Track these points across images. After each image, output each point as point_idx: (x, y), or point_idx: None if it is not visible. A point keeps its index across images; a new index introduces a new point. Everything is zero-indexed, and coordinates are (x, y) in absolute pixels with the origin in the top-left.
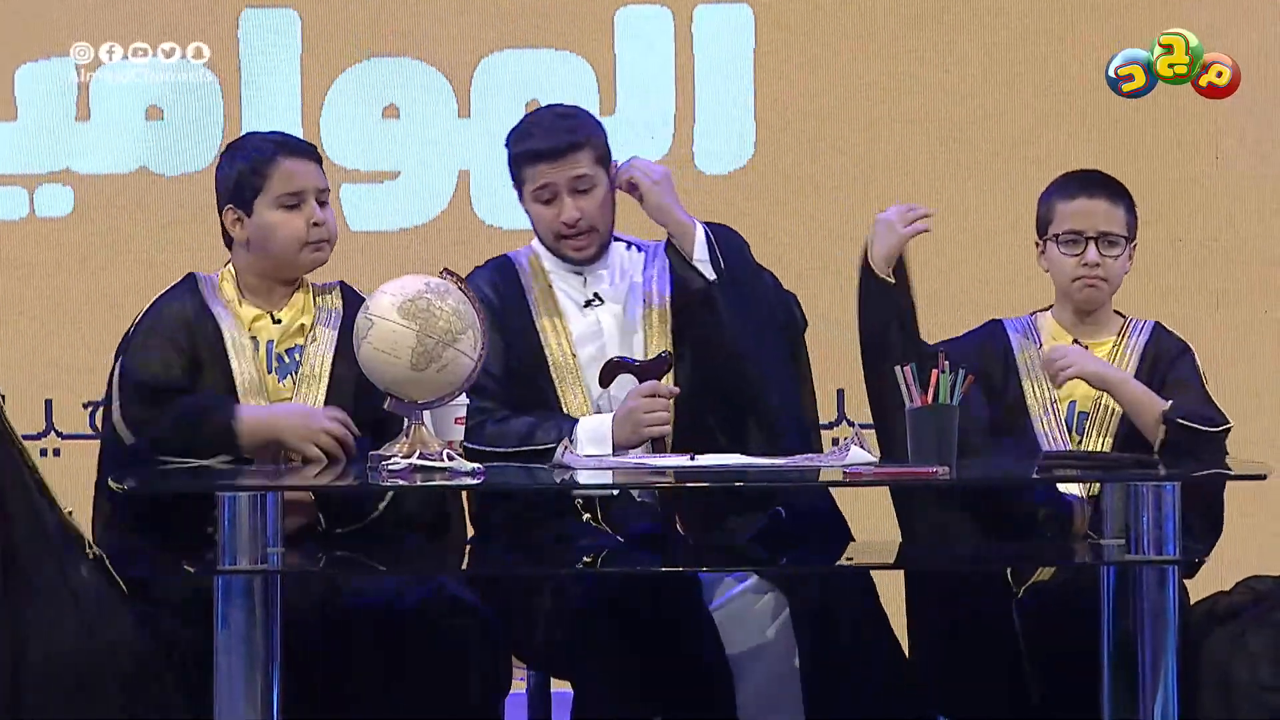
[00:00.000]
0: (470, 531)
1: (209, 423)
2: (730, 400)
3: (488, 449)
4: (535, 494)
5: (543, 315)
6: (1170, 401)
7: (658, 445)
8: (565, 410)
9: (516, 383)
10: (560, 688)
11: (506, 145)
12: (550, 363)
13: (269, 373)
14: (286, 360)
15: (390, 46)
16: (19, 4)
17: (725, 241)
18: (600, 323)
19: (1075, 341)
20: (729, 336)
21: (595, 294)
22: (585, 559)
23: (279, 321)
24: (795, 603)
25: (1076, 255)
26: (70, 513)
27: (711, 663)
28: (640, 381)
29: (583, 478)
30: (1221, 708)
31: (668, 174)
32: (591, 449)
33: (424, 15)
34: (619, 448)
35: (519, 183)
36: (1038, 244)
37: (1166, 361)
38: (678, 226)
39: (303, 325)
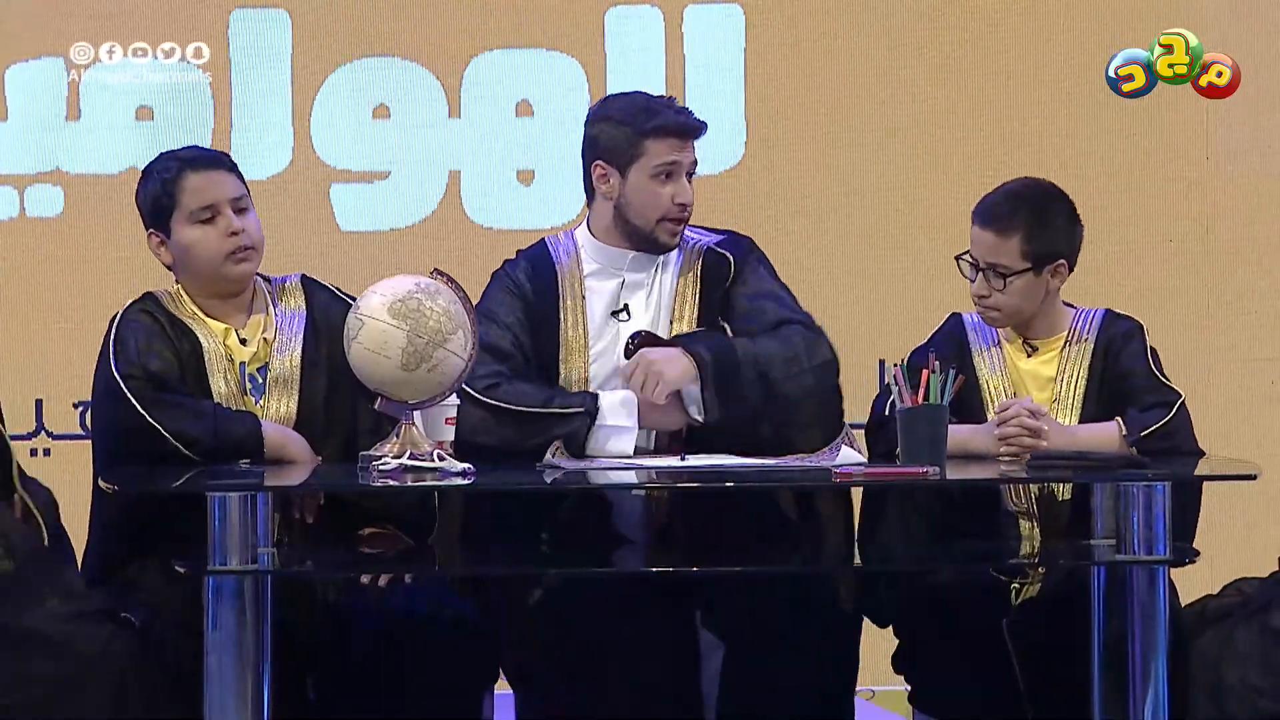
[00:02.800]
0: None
1: (242, 427)
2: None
3: (506, 405)
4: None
5: (568, 328)
6: (1119, 420)
7: (674, 437)
8: None
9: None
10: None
11: (620, 122)
12: (562, 378)
13: (245, 394)
14: (259, 380)
15: (380, 46)
16: (8, 4)
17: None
18: (620, 338)
19: (1025, 341)
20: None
21: (625, 305)
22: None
23: (245, 342)
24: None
25: (972, 281)
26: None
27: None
28: None
29: (571, 480)
30: (1212, 708)
31: None
32: (617, 418)
33: (414, 15)
34: (643, 410)
35: (629, 160)
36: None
37: (1115, 352)
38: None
39: (265, 340)
